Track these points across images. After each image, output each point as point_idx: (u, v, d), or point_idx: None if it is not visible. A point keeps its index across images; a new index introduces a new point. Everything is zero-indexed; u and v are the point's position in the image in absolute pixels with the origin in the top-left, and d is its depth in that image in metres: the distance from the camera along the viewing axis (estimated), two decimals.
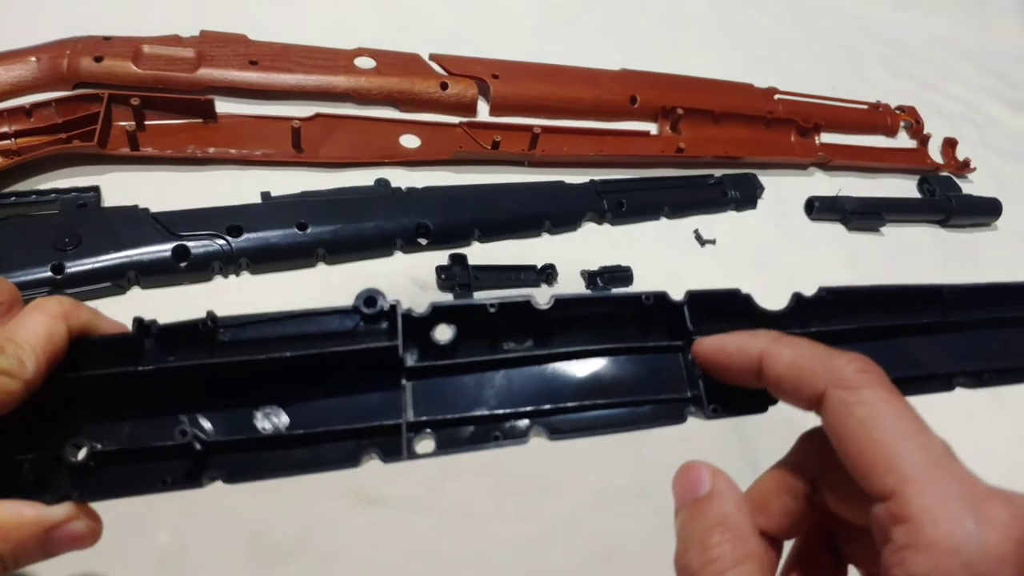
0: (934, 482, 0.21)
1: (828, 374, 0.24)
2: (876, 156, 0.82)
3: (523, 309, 0.28)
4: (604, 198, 0.63)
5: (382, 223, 0.56)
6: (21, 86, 0.57)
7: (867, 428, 0.22)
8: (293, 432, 0.27)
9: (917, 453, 0.21)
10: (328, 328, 0.27)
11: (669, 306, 0.30)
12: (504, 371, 0.29)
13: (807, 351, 0.25)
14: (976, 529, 0.20)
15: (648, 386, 0.29)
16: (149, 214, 0.51)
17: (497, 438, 0.28)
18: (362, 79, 0.64)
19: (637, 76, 0.75)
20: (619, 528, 0.48)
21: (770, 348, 0.26)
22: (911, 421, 0.23)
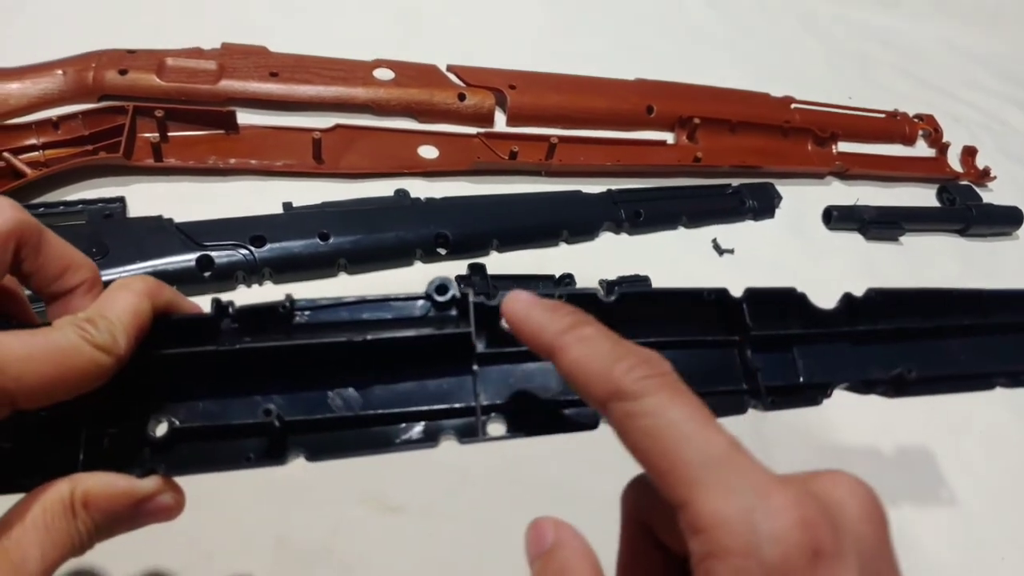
0: (717, 482, 0.20)
1: (608, 382, 0.22)
2: (894, 165, 0.82)
3: (588, 301, 0.29)
4: (622, 207, 0.63)
5: (402, 233, 0.56)
6: (48, 99, 0.58)
7: (651, 438, 0.21)
8: (368, 412, 0.28)
9: (699, 455, 0.21)
10: (401, 314, 0.28)
11: (728, 302, 0.31)
12: None
13: (593, 351, 0.23)
14: (765, 522, 0.19)
15: (708, 378, 0.30)
16: (174, 224, 0.52)
17: (564, 424, 0.29)
18: (381, 90, 0.65)
19: (653, 86, 0.75)
20: None
21: (557, 341, 0.24)
22: (694, 422, 0.21)
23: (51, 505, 0.24)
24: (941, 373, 0.31)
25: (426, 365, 0.28)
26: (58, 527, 0.23)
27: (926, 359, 0.30)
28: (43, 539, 0.23)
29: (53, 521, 0.23)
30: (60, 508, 0.24)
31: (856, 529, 0.21)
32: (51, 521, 0.23)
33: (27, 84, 0.58)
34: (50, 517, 0.23)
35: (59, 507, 0.24)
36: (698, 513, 0.20)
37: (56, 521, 0.23)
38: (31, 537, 0.23)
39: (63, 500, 0.24)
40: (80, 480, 0.24)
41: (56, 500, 0.24)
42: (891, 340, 0.32)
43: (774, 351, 0.31)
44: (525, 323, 0.26)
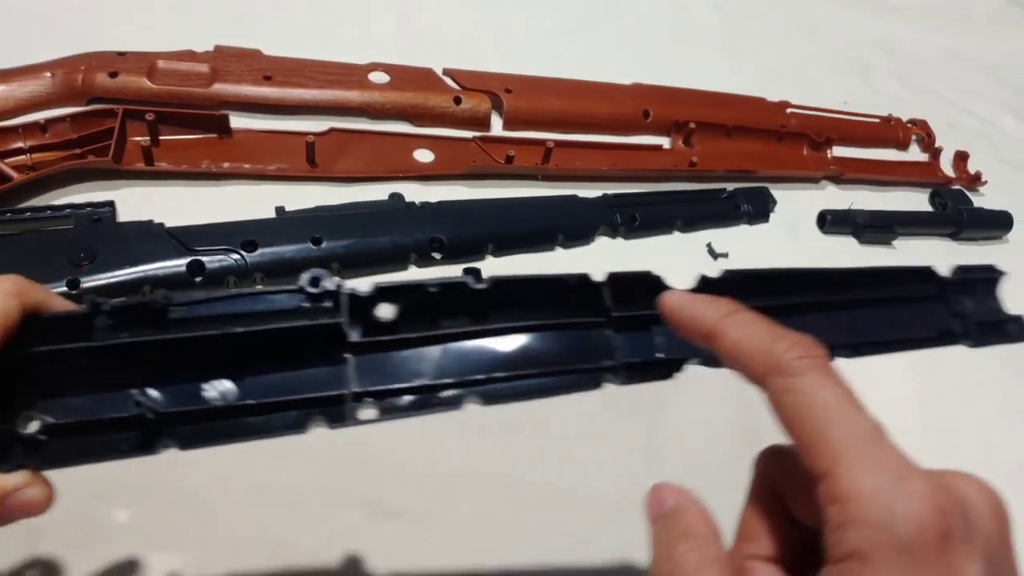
0: (862, 459, 0.22)
1: (767, 360, 0.25)
2: (888, 169, 0.82)
3: (461, 289, 0.30)
4: (617, 212, 0.63)
5: (396, 238, 0.56)
6: (36, 102, 0.57)
7: (803, 413, 0.24)
8: (243, 403, 0.28)
9: (846, 432, 0.23)
10: (276, 306, 0.29)
11: (590, 286, 0.32)
12: (443, 346, 0.30)
13: (753, 332, 0.26)
14: (902, 501, 0.21)
15: (572, 357, 0.31)
16: (164, 229, 0.51)
17: (434, 405, 0.30)
18: (376, 94, 0.64)
19: (650, 90, 0.75)
20: (635, 539, 0.47)
21: (719, 325, 0.27)
22: (844, 403, 0.23)
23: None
24: None
25: (301, 355, 0.29)
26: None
27: None
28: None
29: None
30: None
31: (984, 524, 0.22)
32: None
33: (14, 86, 0.57)
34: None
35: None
36: (839, 484, 0.22)
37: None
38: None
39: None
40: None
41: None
42: None
43: (635, 330, 0.32)
44: (684, 311, 0.28)
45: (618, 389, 0.53)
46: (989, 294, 0.41)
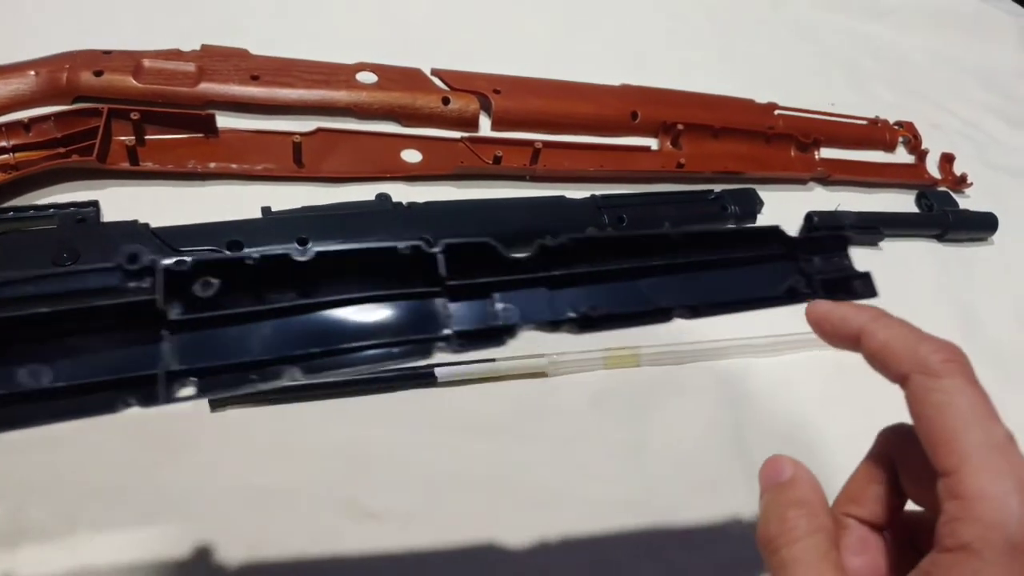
0: (989, 465, 0.24)
1: (914, 360, 0.27)
2: (875, 171, 0.83)
3: (284, 262, 0.29)
4: (605, 213, 0.63)
5: (383, 238, 0.55)
6: (19, 100, 0.57)
7: (941, 413, 0.26)
8: (55, 385, 0.27)
9: (980, 438, 0.25)
10: (91, 285, 0.28)
11: (425, 255, 0.31)
12: (270, 321, 0.30)
13: (900, 334, 0.28)
14: (1019, 509, 0.23)
15: (407, 327, 0.31)
16: (149, 229, 0.50)
17: (253, 380, 0.29)
18: (363, 94, 0.64)
19: (638, 92, 0.75)
20: (619, 543, 0.47)
21: (868, 326, 0.29)
22: (982, 409, 0.25)
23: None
24: (624, 310, 0.33)
25: (118, 335, 0.28)
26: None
27: (614, 297, 0.33)
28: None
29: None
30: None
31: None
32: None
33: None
34: None
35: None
36: (964, 483, 0.24)
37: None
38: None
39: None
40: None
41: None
42: (585, 283, 0.34)
43: (474, 298, 0.32)
44: (832, 316, 0.31)
45: (605, 391, 0.53)
46: (840, 252, 0.41)
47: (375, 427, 0.48)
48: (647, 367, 0.56)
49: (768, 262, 0.38)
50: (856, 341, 0.30)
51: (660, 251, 0.36)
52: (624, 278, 0.35)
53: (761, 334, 0.60)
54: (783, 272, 0.37)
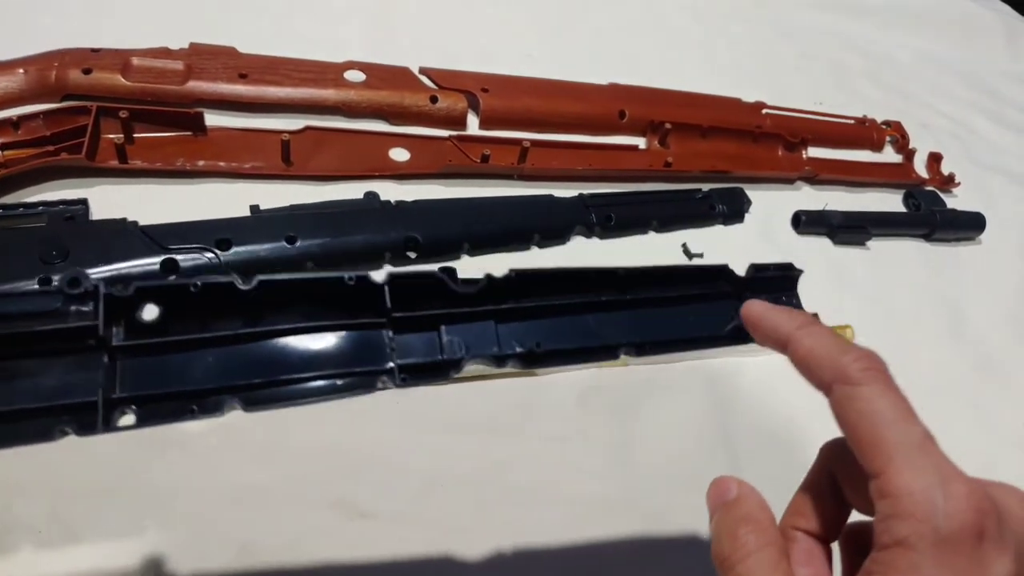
0: (912, 462, 0.25)
1: (835, 369, 0.28)
2: (862, 171, 0.83)
3: (228, 290, 0.29)
4: (593, 212, 0.63)
5: (371, 237, 0.56)
6: (8, 98, 0.57)
7: (863, 418, 0.26)
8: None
9: (901, 438, 0.26)
10: (31, 308, 0.28)
11: (372, 287, 0.31)
12: (214, 349, 0.30)
13: (823, 343, 0.29)
14: (943, 501, 0.24)
15: (351, 360, 0.31)
16: (138, 227, 0.51)
17: (194, 411, 0.29)
18: (352, 92, 0.64)
19: (626, 90, 0.76)
20: (607, 542, 0.48)
21: (795, 334, 0.30)
22: (901, 411, 0.26)
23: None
24: (571, 346, 0.34)
25: (58, 360, 0.28)
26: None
27: (561, 333, 0.33)
28: None
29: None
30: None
31: (1016, 529, 0.25)
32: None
33: None
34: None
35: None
36: (891, 482, 0.25)
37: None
38: None
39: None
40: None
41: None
42: (533, 317, 0.34)
43: (422, 331, 0.32)
44: (765, 320, 0.32)
45: (593, 390, 0.54)
46: (789, 291, 0.42)
47: (364, 426, 0.48)
48: (635, 365, 0.56)
49: (716, 300, 0.39)
50: (784, 347, 0.30)
51: (608, 287, 0.36)
52: (571, 312, 0.35)
53: None
54: (730, 311, 0.37)
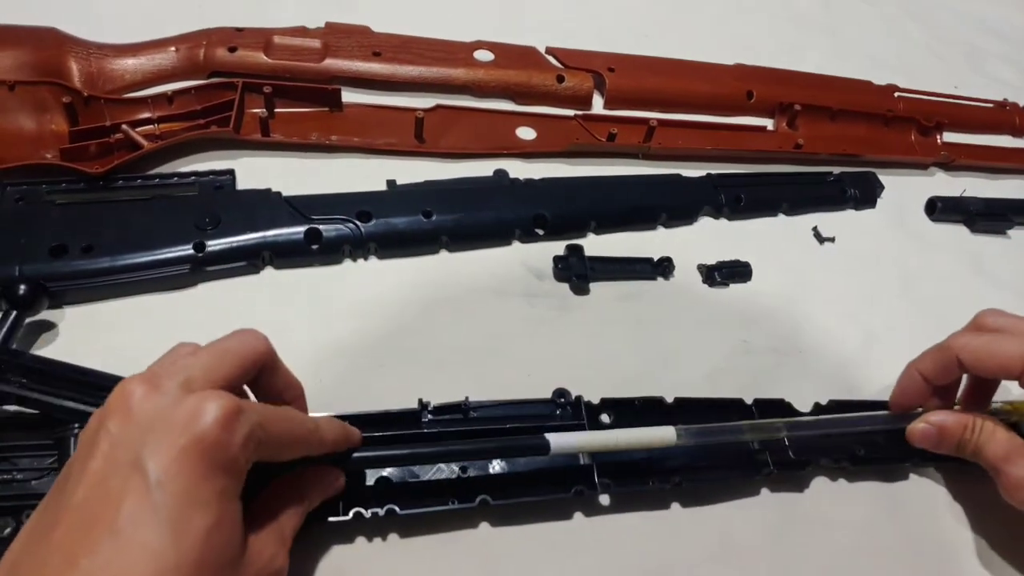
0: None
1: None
2: (1002, 156, 0.78)
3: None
4: (722, 192, 0.62)
5: (501, 213, 0.56)
6: (162, 74, 0.60)
7: None
8: None
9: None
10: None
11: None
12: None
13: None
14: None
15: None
16: (282, 197, 0.52)
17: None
18: (480, 72, 0.65)
19: (753, 71, 0.74)
20: None
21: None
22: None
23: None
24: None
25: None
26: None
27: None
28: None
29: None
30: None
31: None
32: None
33: (143, 60, 0.60)
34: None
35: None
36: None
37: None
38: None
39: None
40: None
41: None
42: None
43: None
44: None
45: None
46: None
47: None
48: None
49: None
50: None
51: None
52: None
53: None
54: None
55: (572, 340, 0.52)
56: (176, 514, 0.27)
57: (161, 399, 0.29)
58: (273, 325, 0.47)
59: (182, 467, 0.27)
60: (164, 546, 0.26)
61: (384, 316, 0.50)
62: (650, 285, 0.57)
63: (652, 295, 0.56)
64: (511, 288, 0.54)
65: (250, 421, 0.29)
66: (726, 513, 0.45)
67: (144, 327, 0.47)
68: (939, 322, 0.62)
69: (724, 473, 0.45)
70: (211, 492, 0.28)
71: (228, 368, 0.32)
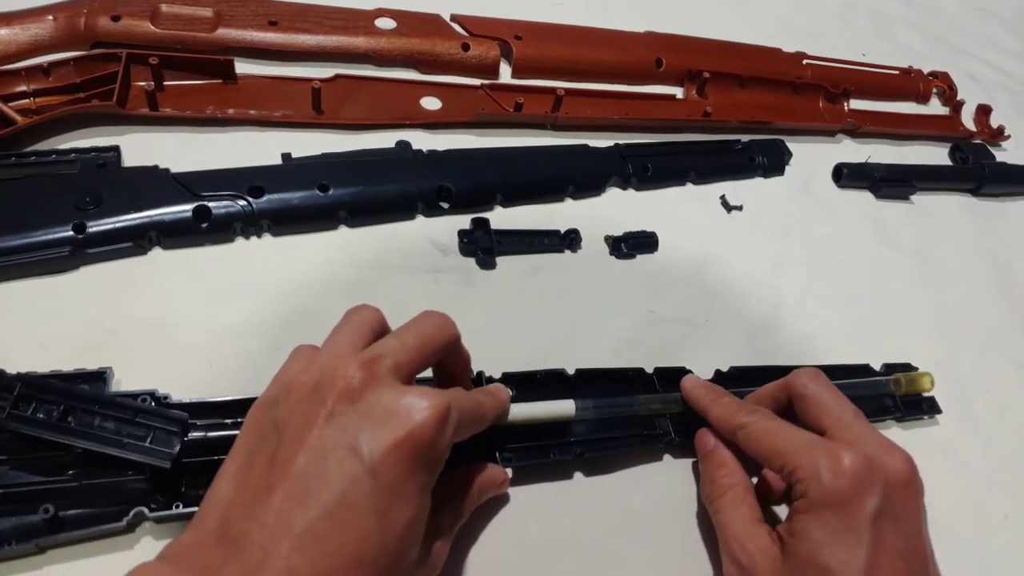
0: (800, 454, 0.37)
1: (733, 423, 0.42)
2: (907, 123, 0.80)
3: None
4: (629, 162, 0.62)
5: (404, 186, 0.55)
6: (38, 45, 0.56)
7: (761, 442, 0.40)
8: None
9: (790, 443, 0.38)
10: None
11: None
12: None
13: (726, 410, 0.43)
14: (826, 468, 0.36)
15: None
16: (170, 174, 0.50)
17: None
18: (382, 40, 0.63)
19: (663, 39, 0.73)
20: None
21: (709, 408, 0.44)
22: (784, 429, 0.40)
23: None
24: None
25: None
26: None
27: None
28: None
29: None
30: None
31: (890, 481, 0.36)
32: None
33: (16, 30, 0.56)
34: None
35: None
36: (795, 466, 0.36)
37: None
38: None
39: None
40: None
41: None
42: None
43: None
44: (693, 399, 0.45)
45: None
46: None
47: None
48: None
49: None
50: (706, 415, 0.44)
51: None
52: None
53: None
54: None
55: (478, 316, 0.51)
56: (385, 503, 0.28)
57: (381, 390, 0.30)
58: (162, 307, 0.46)
59: (397, 459, 0.29)
60: (371, 531, 0.28)
61: (280, 296, 0.49)
62: (557, 258, 0.56)
63: (559, 268, 0.56)
64: (415, 264, 0.53)
65: (455, 420, 0.31)
66: (629, 481, 0.46)
67: (23, 313, 0.44)
68: (846, 287, 0.64)
69: (625, 442, 0.45)
70: (416, 486, 0.30)
71: (431, 357, 0.34)
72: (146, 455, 0.34)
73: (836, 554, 0.33)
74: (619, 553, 0.43)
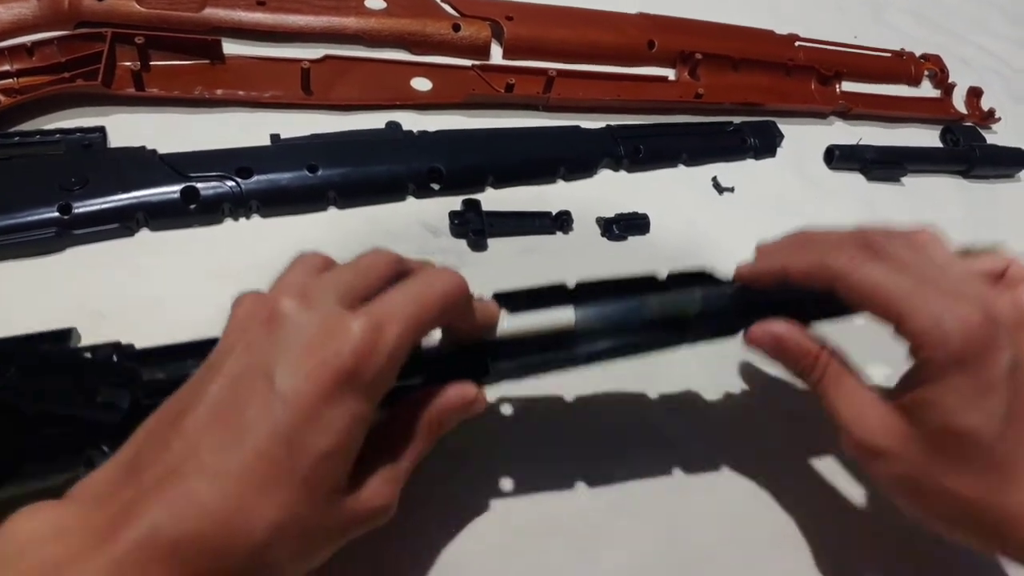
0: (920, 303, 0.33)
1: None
2: (898, 105, 0.80)
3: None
4: (621, 144, 0.61)
5: (394, 167, 0.54)
6: (22, 25, 0.56)
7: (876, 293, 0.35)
8: None
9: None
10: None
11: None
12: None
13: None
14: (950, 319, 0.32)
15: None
16: (157, 155, 0.49)
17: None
18: (372, 20, 0.62)
19: (655, 20, 0.73)
20: None
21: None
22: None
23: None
24: None
25: None
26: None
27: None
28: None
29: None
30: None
31: (1007, 325, 0.32)
32: None
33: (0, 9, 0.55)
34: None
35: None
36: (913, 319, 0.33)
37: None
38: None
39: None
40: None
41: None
42: None
43: None
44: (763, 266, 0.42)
45: None
46: None
47: None
48: None
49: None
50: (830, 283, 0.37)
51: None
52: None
53: None
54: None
55: None
56: (297, 432, 0.27)
57: (308, 313, 0.29)
58: (149, 289, 0.46)
59: (312, 387, 0.27)
60: (280, 459, 0.26)
61: (268, 277, 0.48)
62: (549, 239, 0.56)
63: (551, 250, 0.55)
64: (405, 245, 0.52)
65: (394, 340, 0.29)
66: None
67: (8, 294, 0.44)
68: None
69: (636, 348, 0.41)
70: (339, 416, 0.28)
71: (431, 319, 0.31)
72: (97, 410, 0.33)
73: (973, 417, 0.31)
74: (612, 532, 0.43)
